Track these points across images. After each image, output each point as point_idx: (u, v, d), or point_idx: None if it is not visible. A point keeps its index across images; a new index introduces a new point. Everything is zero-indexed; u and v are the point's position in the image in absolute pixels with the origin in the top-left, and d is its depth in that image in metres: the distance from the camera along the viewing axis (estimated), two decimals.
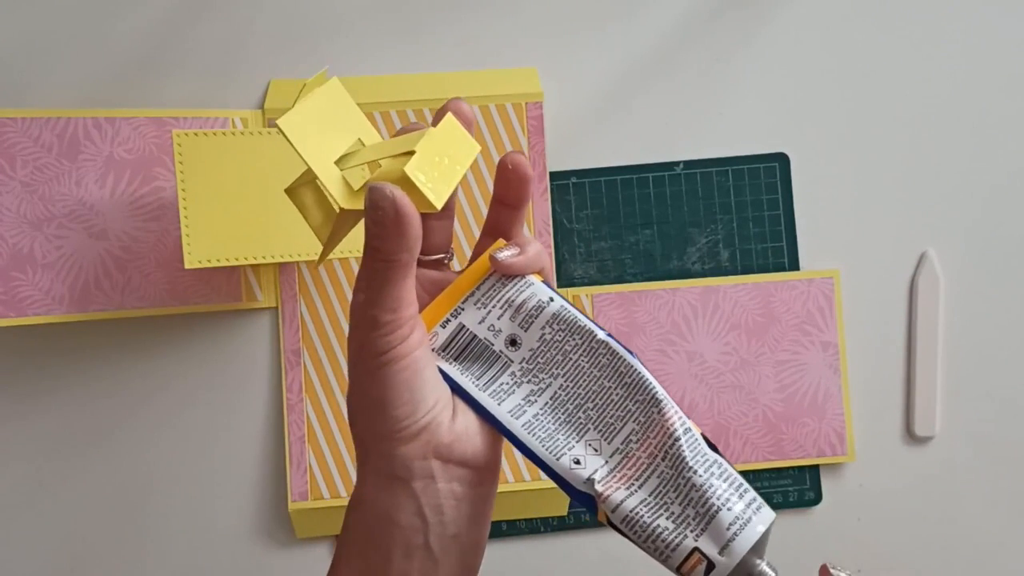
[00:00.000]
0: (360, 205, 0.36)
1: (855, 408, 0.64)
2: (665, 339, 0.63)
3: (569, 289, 0.63)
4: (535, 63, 0.64)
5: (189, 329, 0.62)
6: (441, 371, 0.37)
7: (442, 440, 0.35)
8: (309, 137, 0.36)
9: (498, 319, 0.38)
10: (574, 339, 0.37)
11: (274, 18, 0.63)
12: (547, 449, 0.36)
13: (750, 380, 0.63)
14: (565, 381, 0.37)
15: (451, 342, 0.38)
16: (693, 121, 0.65)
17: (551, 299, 0.37)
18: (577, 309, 0.38)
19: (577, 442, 0.36)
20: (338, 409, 0.62)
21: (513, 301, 0.38)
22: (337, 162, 0.37)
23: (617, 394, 0.37)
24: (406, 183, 0.34)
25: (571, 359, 0.37)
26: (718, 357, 0.63)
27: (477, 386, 0.37)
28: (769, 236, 0.64)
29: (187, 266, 0.54)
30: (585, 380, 0.37)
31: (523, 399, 0.37)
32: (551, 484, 0.61)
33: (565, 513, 0.63)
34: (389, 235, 0.33)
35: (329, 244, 0.40)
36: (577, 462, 0.36)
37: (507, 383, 0.37)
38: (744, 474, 0.63)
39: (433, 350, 0.38)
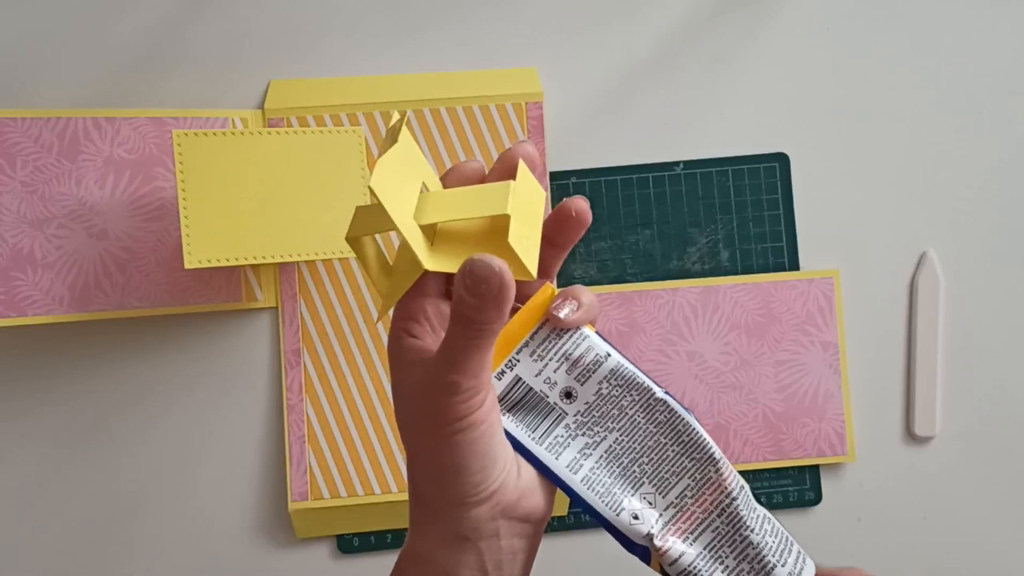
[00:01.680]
0: (442, 266, 0.35)
1: (855, 408, 0.64)
2: (665, 339, 0.63)
3: None
4: (535, 63, 0.64)
5: (189, 329, 0.62)
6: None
7: (510, 499, 0.35)
8: (394, 194, 0.34)
9: (554, 372, 0.38)
10: (631, 395, 0.38)
11: (274, 18, 0.63)
12: (606, 504, 0.37)
13: (750, 380, 0.63)
14: (620, 435, 0.38)
15: (507, 394, 0.38)
16: (693, 121, 0.65)
17: (608, 355, 0.38)
18: (634, 365, 0.38)
19: (632, 495, 0.37)
20: (338, 409, 0.62)
21: (570, 355, 0.38)
22: (415, 216, 0.35)
23: (673, 450, 0.38)
24: (506, 253, 0.33)
25: (627, 414, 0.38)
26: (718, 357, 0.63)
27: (533, 439, 0.37)
28: (769, 236, 0.64)
29: (187, 266, 0.54)
30: (641, 435, 0.38)
31: (578, 452, 0.38)
32: None
33: (565, 513, 0.63)
34: (488, 308, 0.32)
35: (390, 297, 0.38)
36: (636, 517, 0.37)
37: (562, 435, 0.38)
38: (744, 474, 0.63)
39: None
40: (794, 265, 0.64)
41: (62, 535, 0.61)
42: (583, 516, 0.63)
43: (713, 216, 0.64)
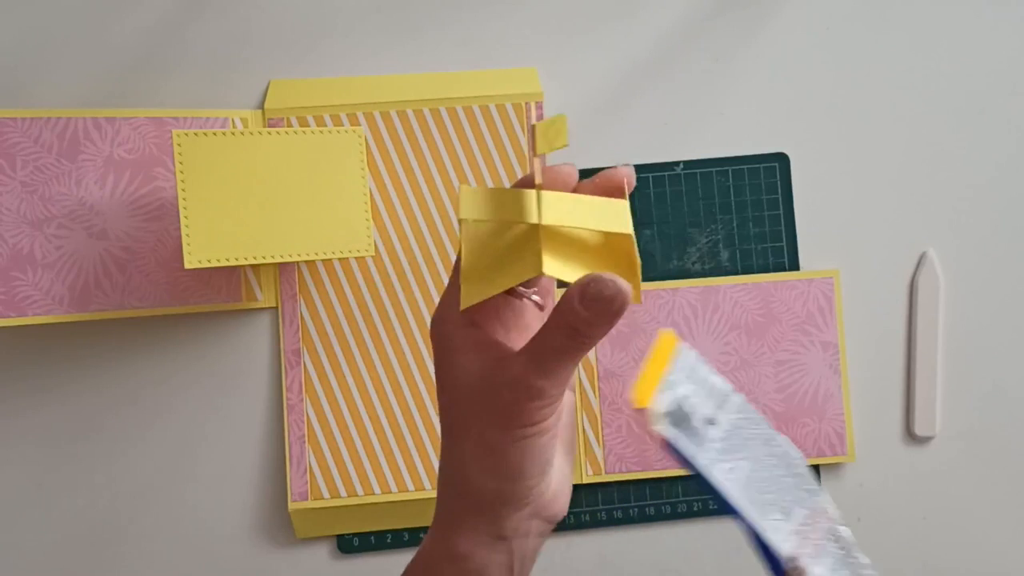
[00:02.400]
0: (557, 272, 0.35)
1: (855, 408, 0.64)
2: None
3: None
4: (535, 63, 0.64)
5: (189, 329, 0.62)
6: (670, 441, 0.38)
7: (545, 500, 0.37)
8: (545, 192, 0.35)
9: (701, 399, 0.40)
10: (756, 428, 0.41)
11: (274, 18, 0.63)
12: (758, 522, 0.39)
13: (750, 380, 0.63)
14: (750, 464, 0.40)
15: (669, 412, 0.39)
16: (693, 121, 0.65)
17: (733, 389, 0.40)
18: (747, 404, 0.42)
19: (775, 514, 0.40)
20: (338, 409, 0.62)
21: (712, 385, 0.40)
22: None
23: (789, 481, 0.40)
24: (625, 273, 0.34)
25: (754, 445, 0.40)
26: (718, 357, 0.63)
27: (701, 456, 0.39)
28: (769, 236, 0.64)
29: (187, 266, 0.54)
30: (764, 465, 0.40)
31: (723, 476, 0.40)
32: None
33: (565, 513, 0.63)
34: (603, 324, 0.33)
35: (492, 288, 0.36)
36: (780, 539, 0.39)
37: (711, 457, 0.40)
38: None
39: (654, 413, 0.38)
40: (794, 265, 0.64)
41: (61, 535, 0.61)
42: (583, 515, 0.63)
43: (713, 216, 0.64)
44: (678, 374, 0.39)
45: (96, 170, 0.59)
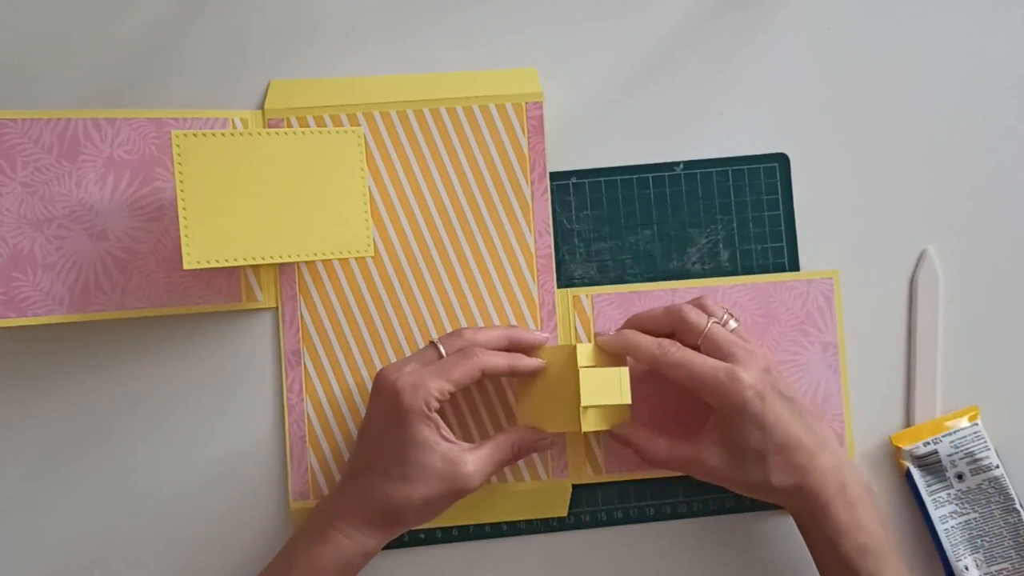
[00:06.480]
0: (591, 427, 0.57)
1: (855, 408, 0.64)
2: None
3: (569, 290, 0.63)
4: (535, 63, 0.64)
5: (189, 329, 0.62)
6: (910, 474, 0.61)
7: None
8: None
9: (960, 459, 0.61)
10: (999, 498, 0.60)
11: (274, 18, 0.63)
12: (952, 553, 0.60)
13: None
14: (978, 516, 0.60)
15: (925, 456, 0.61)
16: (693, 121, 0.65)
17: (997, 466, 0.60)
18: (1008, 479, 0.60)
19: (969, 556, 0.60)
20: (338, 409, 0.62)
21: (974, 455, 0.61)
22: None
23: (1009, 543, 0.60)
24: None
25: (990, 507, 0.60)
26: None
27: (926, 492, 0.61)
28: (769, 236, 0.64)
29: (186, 267, 0.54)
30: (991, 523, 0.60)
31: (948, 513, 0.60)
32: (550, 484, 0.61)
33: (565, 513, 0.63)
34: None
35: (530, 421, 0.59)
36: (966, 568, 0.60)
37: (943, 498, 0.61)
38: None
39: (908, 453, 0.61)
40: (794, 266, 0.64)
41: (62, 535, 0.61)
42: (583, 515, 0.63)
43: (713, 216, 0.64)
44: (949, 437, 0.61)
45: (96, 171, 0.59)
